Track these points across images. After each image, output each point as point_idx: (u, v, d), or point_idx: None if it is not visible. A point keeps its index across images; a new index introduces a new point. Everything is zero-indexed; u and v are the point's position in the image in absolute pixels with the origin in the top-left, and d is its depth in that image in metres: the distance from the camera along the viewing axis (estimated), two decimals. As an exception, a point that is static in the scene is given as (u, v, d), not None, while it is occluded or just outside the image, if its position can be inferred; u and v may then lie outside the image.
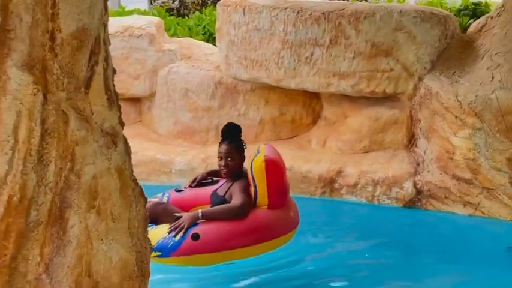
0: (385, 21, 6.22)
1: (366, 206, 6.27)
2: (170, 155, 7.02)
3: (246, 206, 4.37)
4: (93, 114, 1.94)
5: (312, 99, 7.04)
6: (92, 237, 1.97)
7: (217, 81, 7.13)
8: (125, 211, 2.07)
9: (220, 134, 4.77)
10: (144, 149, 7.09)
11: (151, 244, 2.25)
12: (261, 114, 7.06)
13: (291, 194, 6.10)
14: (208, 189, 4.74)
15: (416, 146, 6.38)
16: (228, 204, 4.38)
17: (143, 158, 6.97)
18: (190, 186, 4.96)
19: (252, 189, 4.46)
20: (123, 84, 7.35)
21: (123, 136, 2.11)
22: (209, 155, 6.86)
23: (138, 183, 2.17)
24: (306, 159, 6.62)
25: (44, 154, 1.83)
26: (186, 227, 4.15)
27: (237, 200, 4.36)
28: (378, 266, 4.97)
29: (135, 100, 7.68)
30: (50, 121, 1.83)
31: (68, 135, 1.88)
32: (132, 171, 2.15)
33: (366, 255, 5.20)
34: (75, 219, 1.92)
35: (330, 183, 6.42)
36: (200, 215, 4.23)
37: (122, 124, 2.06)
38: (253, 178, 4.45)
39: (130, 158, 2.15)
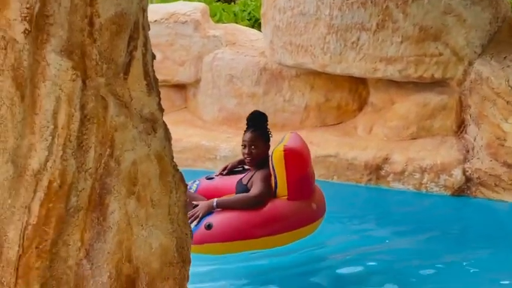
0: (433, 4, 6.07)
1: (413, 194, 6.16)
2: (215, 142, 7.02)
3: (263, 196, 4.29)
4: (132, 100, 1.93)
5: (358, 85, 6.94)
6: (132, 223, 1.96)
7: (262, 67, 7.09)
8: (165, 197, 2.06)
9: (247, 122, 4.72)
10: (189, 135, 7.12)
11: (191, 230, 2.24)
12: (306, 101, 7.00)
13: (338, 181, 6.07)
14: (237, 178, 4.69)
15: (465, 132, 6.23)
16: (244, 194, 4.32)
17: (188, 145, 7.00)
18: (220, 174, 4.93)
19: (273, 179, 4.38)
20: (168, 71, 7.39)
21: (163, 122, 2.09)
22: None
23: (178, 170, 2.15)
24: (352, 146, 6.55)
25: (83, 140, 1.83)
26: (200, 215, 4.13)
27: (254, 189, 4.30)
28: (426, 255, 4.86)
29: (181, 87, 7.70)
30: (90, 107, 1.83)
31: (107, 121, 1.87)
32: (172, 157, 2.14)
33: (413, 244, 5.10)
34: (115, 205, 1.92)
35: (376, 170, 6.33)
36: (215, 204, 4.19)
37: (161, 110, 2.05)
38: (273, 168, 4.36)
39: (170, 144, 2.13)
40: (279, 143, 4.51)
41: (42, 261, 1.78)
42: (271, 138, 4.64)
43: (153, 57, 2.04)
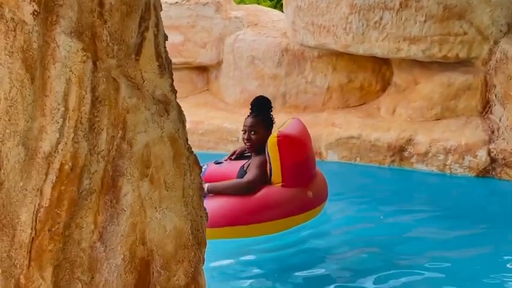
0: (458, -18, 5.97)
1: (437, 176, 6.11)
2: (237, 124, 6.98)
3: (255, 182, 4.24)
4: (144, 81, 1.91)
5: (381, 65, 6.87)
6: (146, 205, 1.95)
7: (284, 48, 7.04)
8: (179, 180, 2.04)
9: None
10: (211, 117, 7.12)
11: (207, 213, 2.22)
12: (329, 82, 6.94)
13: (361, 162, 6.00)
14: (243, 163, 4.65)
15: (491, 112, 6.14)
16: (236, 180, 4.28)
17: (210, 127, 7.00)
18: (229, 158, 4.90)
19: (268, 165, 4.32)
20: (189, 53, 7.38)
21: (177, 104, 2.07)
22: (276, 123, 6.81)
23: (192, 152, 2.13)
24: (375, 127, 6.49)
25: (95, 122, 1.81)
26: None
27: (248, 175, 4.27)
28: (450, 237, 4.82)
29: (202, 69, 7.69)
30: (101, 88, 1.81)
31: (119, 102, 1.85)
32: (186, 139, 2.12)
33: (437, 226, 5.04)
34: (128, 187, 1.91)
35: (399, 151, 6.27)
36: (206, 189, 4.15)
37: (174, 91, 2.02)
38: (268, 154, 4.30)
39: (184, 126, 2.11)
40: (278, 128, 4.45)
41: (55, 244, 1.78)
42: (274, 124, 4.56)
43: (166, 38, 2.02)
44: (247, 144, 4.47)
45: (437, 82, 6.36)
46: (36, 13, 1.68)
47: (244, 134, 4.49)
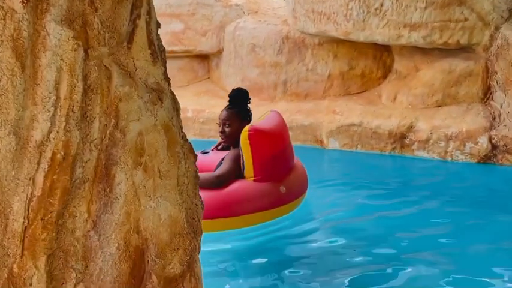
0: (458, -32, 5.93)
1: (438, 162, 6.10)
2: (238, 112, 6.99)
3: (225, 176, 4.20)
4: (136, 69, 1.90)
5: (382, 52, 6.84)
6: (140, 194, 1.94)
7: (285, 36, 7.02)
8: (173, 168, 2.03)
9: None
10: (212, 106, 7.11)
11: (202, 201, 2.22)
12: (330, 69, 6.92)
13: (362, 150, 5.97)
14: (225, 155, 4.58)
15: (492, 99, 6.11)
16: (207, 173, 4.21)
17: (212, 115, 6.98)
18: (216, 148, 4.87)
19: (241, 159, 4.28)
20: (190, 41, 7.37)
21: (171, 92, 2.05)
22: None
23: (187, 140, 2.13)
24: (376, 115, 6.48)
25: (87, 111, 1.80)
26: None
27: (219, 169, 4.23)
28: (451, 223, 4.81)
29: (203, 57, 7.68)
30: (93, 77, 1.80)
31: (112, 91, 1.84)
32: (181, 127, 2.11)
33: (439, 212, 5.04)
34: (121, 176, 1.90)
35: (400, 138, 6.26)
36: None
37: (167, 79, 2.01)
38: (240, 148, 4.26)
39: (178, 114, 2.10)
40: (254, 121, 4.40)
41: (48, 233, 1.77)
42: (251, 117, 4.49)
43: (158, 25, 2.00)
44: (222, 137, 4.43)
45: (438, 69, 6.33)
46: (25, 1, 1.66)
47: (219, 126, 4.44)
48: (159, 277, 2.01)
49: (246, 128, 4.24)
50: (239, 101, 4.51)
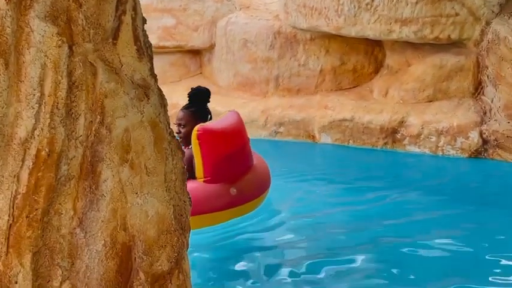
0: (449, -37, 5.93)
1: (429, 157, 6.11)
2: (230, 107, 6.97)
3: None
4: (122, 65, 1.89)
5: (373, 47, 6.84)
6: (126, 191, 1.94)
7: (276, 31, 7.00)
8: (160, 164, 2.02)
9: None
10: (204, 101, 7.08)
11: (190, 198, 2.21)
12: (321, 64, 6.92)
13: (354, 145, 5.95)
14: None
15: (483, 94, 6.12)
16: None
17: (203, 111, 6.97)
18: (186, 146, 4.80)
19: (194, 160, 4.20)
20: (182, 37, 7.34)
21: (158, 88, 2.04)
22: (269, 106, 6.81)
23: (174, 136, 2.12)
24: (368, 110, 6.48)
25: (72, 107, 1.79)
26: None
27: None
28: (443, 218, 4.82)
29: (195, 52, 7.66)
30: (77, 73, 1.79)
31: (97, 87, 1.83)
32: (168, 124, 2.10)
33: (430, 208, 5.05)
34: (107, 173, 1.89)
35: (392, 133, 6.26)
36: None
37: (153, 76, 2.00)
38: (191, 148, 4.19)
39: (166, 111, 2.09)
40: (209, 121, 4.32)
41: (33, 231, 1.76)
42: (209, 117, 4.41)
43: (144, 21, 1.99)
44: (178, 137, 4.39)
45: (429, 64, 6.34)
46: (9, -3, 1.65)
47: (176, 126, 4.35)
48: (147, 274, 2.00)
49: (196, 127, 4.14)
50: (198, 100, 4.40)
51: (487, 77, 6.02)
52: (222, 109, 6.96)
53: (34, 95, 1.71)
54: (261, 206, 4.77)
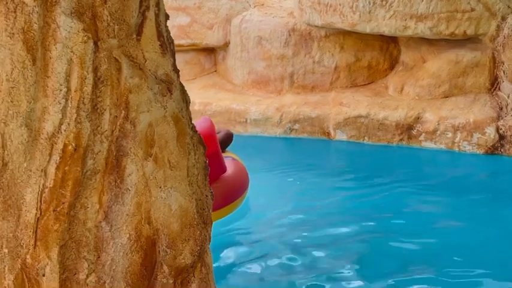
0: (465, -42, 5.91)
1: (445, 153, 6.09)
2: (245, 105, 7.01)
3: None
4: (146, 61, 1.91)
5: (389, 44, 6.83)
6: (150, 185, 1.95)
7: (291, 28, 7.01)
8: (183, 159, 2.04)
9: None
10: (219, 99, 7.11)
11: (212, 192, 2.23)
12: (336, 61, 6.91)
13: (369, 141, 5.93)
14: None
15: (499, 89, 6.09)
16: None
17: (218, 108, 6.99)
18: None
19: None
20: (196, 35, 7.36)
21: (180, 83, 2.06)
22: (284, 103, 6.81)
23: (196, 131, 2.13)
24: (383, 106, 6.47)
25: (97, 102, 1.81)
26: None
27: None
28: (460, 214, 4.80)
29: (210, 50, 7.67)
30: (102, 69, 1.81)
31: (121, 82, 1.85)
32: (190, 119, 2.11)
33: (447, 204, 5.03)
34: (132, 167, 1.91)
35: (407, 130, 6.25)
36: None
37: (176, 71, 2.02)
38: None
39: (188, 106, 2.10)
40: None
41: (60, 224, 1.79)
42: None
43: (167, 17, 2.01)
44: None
45: (445, 59, 6.32)
46: (36, -6, 1.68)
47: None
48: (170, 267, 2.02)
49: None
50: None
51: (503, 72, 5.99)
52: (237, 107, 6.99)
53: (61, 90, 1.74)
54: (277, 202, 4.78)
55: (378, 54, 6.89)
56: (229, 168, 4.59)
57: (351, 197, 5.16)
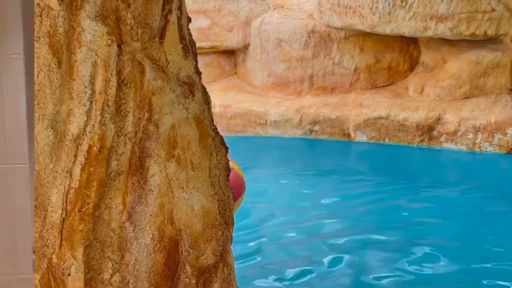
0: (485, -42, 5.88)
1: (466, 154, 6.06)
2: (265, 107, 7.03)
3: None
4: (168, 63, 1.93)
5: (408, 45, 6.81)
6: (173, 186, 1.98)
7: (311, 30, 7.02)
8: (205, 160, 2.06)
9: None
10: (239, 101, 7.14)
11: (233, 193, 2.25)
12: (356, 62, 6.91)
13: (390, 142, 5.93)
14: None
15: (520, 90, 6.06)
16: None
17: (238, 110, 7.02)
18: None
19: None
20: (216, 37, 7.40)
21: (202, 85, 2.08)
22: (303, 105, 6.82)
23: (218, 133, 2.15)
24: (403, 107, 6.46)
25: (121, 104, 1.84)
26: None
27: None
28: (483, 215, 4.78)
29: (230, 52, 7.71)
30: (126, 71, 1.83)
31: (145, 85, 1.88)
32: (212, 120, 2.14)
33: (468, 203, 5.02)
34: (155, 168, 1.93)
35: (428, 131, 6.22)
36: None
37: (198, 73, 2.04)
38: None
39: (209, 108, 2.13)
40: None
41: (85, 224, 1.82)
42: None
43: (189, 20, 2.03)
44: None
45: (465, 60, 6.29)
46: (61, -2, 1.71)
47: None
48: (193, 267, 2.04)
49: None
50: None
51: (525, 72, 5.96)
52: (257, 109, 7.01)
53: (85, 92, 1.77)
54: (298, 203, 4.79)
55: (397, 55, 6.87)
56: None
57: (371, 198, 5.16)
